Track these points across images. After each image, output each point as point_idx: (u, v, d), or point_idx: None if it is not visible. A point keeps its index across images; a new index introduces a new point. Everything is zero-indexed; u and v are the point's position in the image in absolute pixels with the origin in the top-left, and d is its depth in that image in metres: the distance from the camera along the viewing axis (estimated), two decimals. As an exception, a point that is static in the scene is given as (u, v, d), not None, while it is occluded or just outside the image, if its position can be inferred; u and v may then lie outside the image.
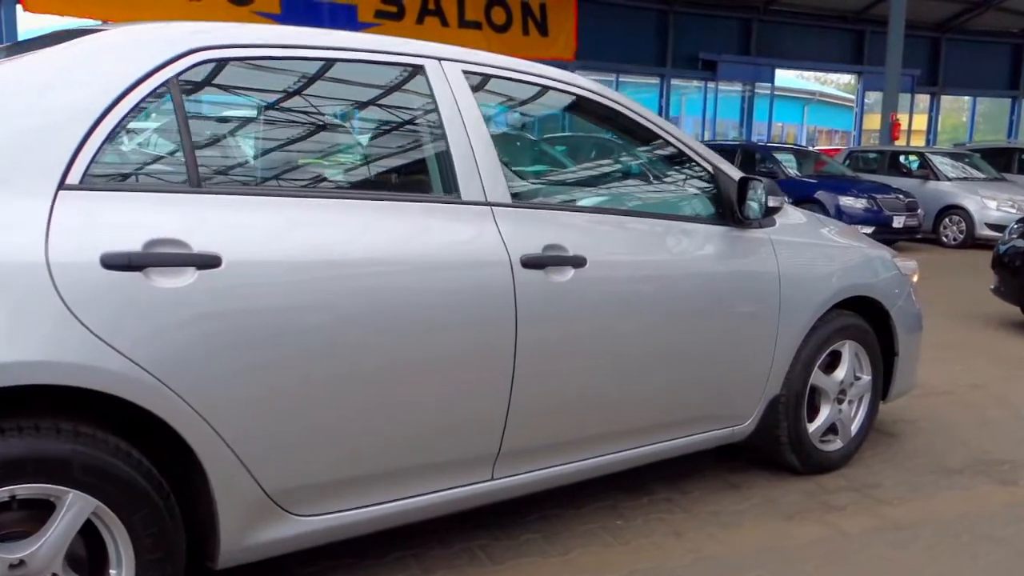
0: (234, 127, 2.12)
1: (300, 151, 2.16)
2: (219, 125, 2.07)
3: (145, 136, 1.90)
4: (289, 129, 2.18)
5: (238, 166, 2.10)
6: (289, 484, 1.95)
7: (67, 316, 1.62)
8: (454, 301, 2.12)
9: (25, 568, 1.63)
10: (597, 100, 2.64)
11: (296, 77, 2.11)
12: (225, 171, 2.01)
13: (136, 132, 1.85)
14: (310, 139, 2.19)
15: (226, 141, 2.05)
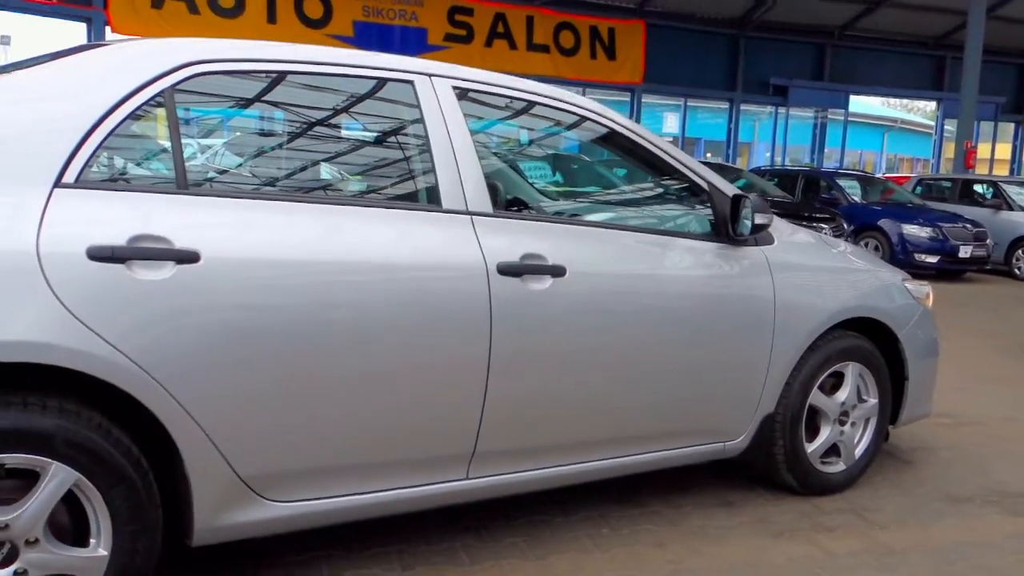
0: (221, 135, 2.28)
1: (284, 158, 2.31)
2: (207, 132, 2.23)
3: (138, 141, 2.07)
4: (274, 138, 2.34)
5: (223, 170, 2.26)
6: (262, 469, 2.08)
7: (54, 301, 1.78)
8: (429, 303, 2.22)
9: (9, 531, 1.79)
10: (589, 117, 2.72)
11: (284, 90, 2.26)
12: (210, 174, 2.17)
13: (130, 137, 2.01)
14: (294, 147, 2.34)
15: (213, 147, 2.22)
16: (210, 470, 2.00)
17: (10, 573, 1.80)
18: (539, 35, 17.29)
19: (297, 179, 2.32)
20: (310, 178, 2.34)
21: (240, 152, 2.30)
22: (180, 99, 2.05)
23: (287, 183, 2.30)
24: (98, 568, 1.89)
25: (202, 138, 2.19)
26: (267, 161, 2.33)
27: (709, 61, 19.22)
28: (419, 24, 15.90)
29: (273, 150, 2.32)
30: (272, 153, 2.32)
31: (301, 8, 14.78)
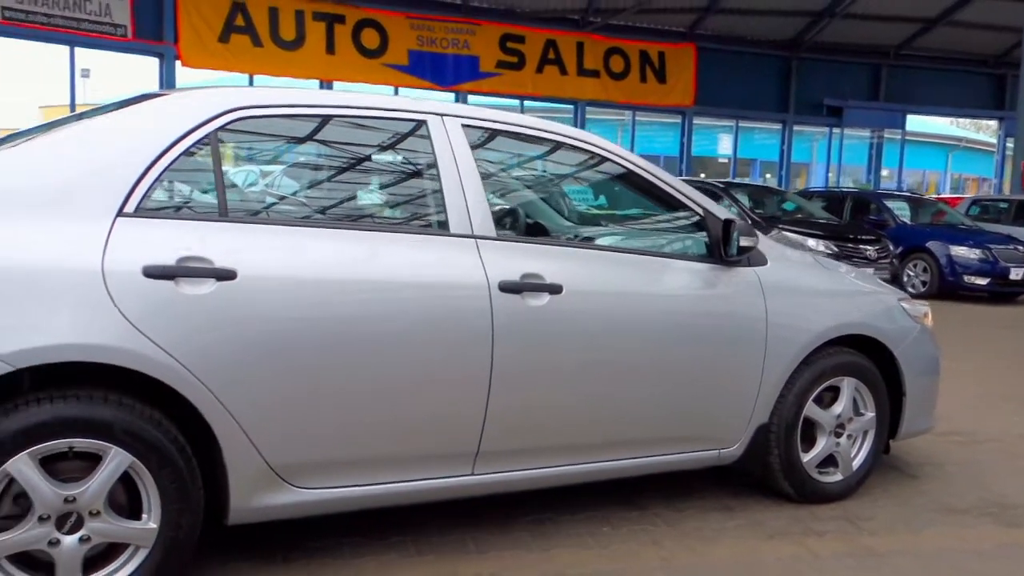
0: (259, 170, 2.63)
1: (312, 190, 2.64)
2: (247, 168, 2.58)
3: (187, 176, 2.42)
4: (304, 171, 2.68)
5: (260, 201, 2.60)
6: (289, 460, 2.39)
7: (115, 312, 2.13)
8: (437, 317, 2.52)
9: (75, 504, 2.14)
10: (590, 149, 3.00)
11: (313, 131, 2.60)
12: (247, 204, 2.52)
13: (180, 172, 2.37)
14: (322, 180, 2.67)
15: (251, 181, 2.56)
16: (244, 459, 2.32)
17: (76, 539, 2.14)
18: (589, 60, 17.62)
19: (323, 208, 2.66)
20: (334, 207, 2.67)
21: (274, 185, 2.65)
22: (223, 139, 2.41)
23: (314, 212, 2.64)
24: (149, 538, 2.23)
25: (241, 173, 2.54)
26: (297, 192, 2.67)
27: (761, 83, 19.30)
28: (471, 52, 16.39)
29: (302, 183, 2.67)
30: (301, 185, 2.66)
31: (359, 39, 15.40)
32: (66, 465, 2.14)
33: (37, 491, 2.09)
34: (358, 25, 15.42)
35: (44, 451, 2.09)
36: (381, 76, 15.55)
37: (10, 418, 2.06)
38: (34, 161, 2.25)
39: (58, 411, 2.10)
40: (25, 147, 2.32)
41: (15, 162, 2.26)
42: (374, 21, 15.55)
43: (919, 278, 11.14)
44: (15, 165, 2.24)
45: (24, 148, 2.31)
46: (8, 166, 2.24)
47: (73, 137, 2.33)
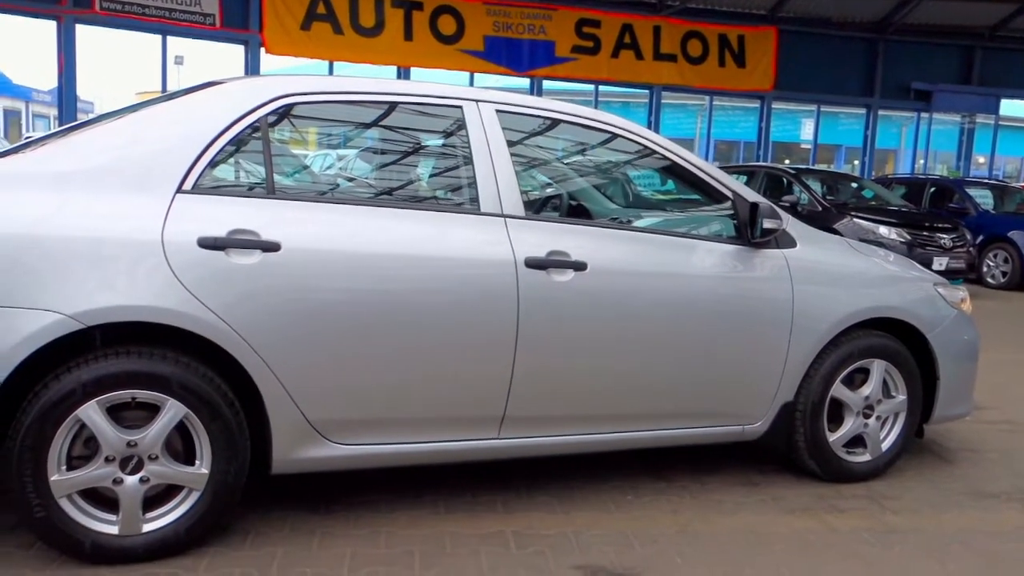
0: (303, 151, 2.86)
1: (353, 170, 2.86)
2: (293, 150, 2.81)
3: (239, 157, 2.67)
4: (345, 153, 2.90)
5: (305, 180, 2.83)
6: (327, 416, 2.62)
7: (172, 278, 2.39)
8: (465, 289, 2.71)
9: (137, 448, 2.42)
10: (621, 134, 3.12)
11: (355, 115, 2.82)
12: (293, 183, 2.75)
13: (233, 154, 2.62)
14: (361, 161, 2.89)
15: (297, 161, 2.79)
16: (285, 414, 2.56)
17: (137, 479, 2.43)
18: (666, 44, 17.44)
19: (361, 187, 2.88)
20: (372, 186, 2.89)
21: (317, 165, 2.88)
22: (272, 124, 2.64)
23: (354, 190, 2.86)
24: (200, 482, 2.49)
25: (287, 154, 2.78)
26: (338, 172, 2.89)
27: (844, 66, 18.75)
28: (547, 37, 16.45)
29: (343, 163, 2.89)
30: (342, 166, 2.88)
31: (436, 25, 15.66)
32: (129, 414, 2.43)
33: (104, 435, 2.37)
34: (436, 11, 15.67)
35: (110, 400, 2.38)
36: (457, 62, 15.78)
37: (82, 370, 2.35)
38: (110, 142, 2.53)
39: (123, 365, 2.38)
40: (104, 129, 2.60)
41: (95, 143, 2.55)
42: (451, 7, 15.77)
43: (999, 268, 10.77)
44: (95, 146, 2.53)
45: (103, 130, 2.60)
46: (89, 147, 2.53)
47: (142, 121, 2.61)
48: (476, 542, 2.74)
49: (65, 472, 2.37)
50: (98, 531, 2.42)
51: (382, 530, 2.79)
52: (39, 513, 2.35)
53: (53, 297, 2.28)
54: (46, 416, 2.31)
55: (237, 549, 2.60)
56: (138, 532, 2.45)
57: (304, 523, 2.81)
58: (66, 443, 2.37)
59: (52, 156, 2.49)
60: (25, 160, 2.48)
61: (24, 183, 2.38)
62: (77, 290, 2.31)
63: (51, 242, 2.30)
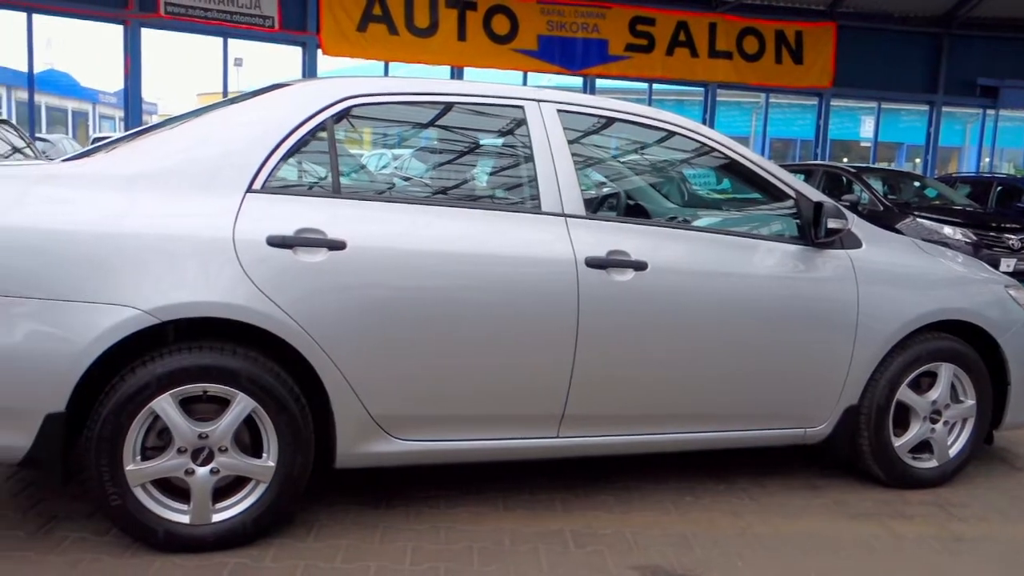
0: (367, 151, 2.90)
1: (416, 169, 2.89)
2: (357, 150, 2.86)
3: (306, 157, 2.72)
4: (409, 153, 2.93)
5: (368, 179, 2.87)
6: (389, 412, 2.66)
7: (242, 275, 2.46)
8: (526, 288, 2.72)
9: (208, 440, 2.48)
10: (682, 132, 3.10)
11: (418, 116, 2.85)
12: (359, 183, 2.80)
13: (300, 154, 2.67)
14: (425, 161, 2.92)
15: (361, 161, 2.84)
16: (349, 409, 2.61)
17: (208, 470, 2.50)
18: (722, 42, 17.24)
19: (425, 186, 2.91)
20: (436, 186, 2.92)
21: (382, 165, 2.92)
22: (338, 125, 2.69)
23: (418, 189, 2.90)
24: (267, 474, 2.55)
25: (353, 155, 2.83)
26: (401, 171, 2.93)
27: (906, 62, 18.29)
28: (601, 35, 16.40)
29: (407, 163, 2.93)
30: (407, 166, 2.92)
31: (489, 25, 15.72)
32: (200, 407, 2.50)
33: (177, 427, 2.45)
34: (489, 11, 15.73)
35: (183, 393, 2.45)
36: (510, 61, 15.82)
37: (156, 364, 2.42)
38: (182, 144, 2.61)
39: (195, 359, 2.45)
40: (176, 131, 2.68)
41: (167, 145, 2.63)
42: (505, 7, 15.82)
43: (1072, 271, 10.39)
44: (167, 147, 2.61)
45: (174, 132, 2.68)
46: (161, 148, 2.61)
47: (212, 123, 2.68)
48: (535, 540, 2.76)
49: (140, 462, 2.45)
50: (170, 520, 2.49)
51: (442, 525, 2.82)
52: (115, 501, 2.43)
53: (130, 293, 2.36)
54: (122, 408, 2.39)
55: (302, 540, 2.66)
56: (208, 522, 2.52)
57: (367, 517, 2.85)
58: (141, 434, 2.45)
59: (128, 157, 2.57)
60: (102, 161, 2.57)
61: (102, 183, 2.46)
62: (152, 287, 2.38)
63: (128, 240, 2.38)
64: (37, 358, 2.32)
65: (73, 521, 2.70)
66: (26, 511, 2.76)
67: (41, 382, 2.33)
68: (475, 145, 3.11)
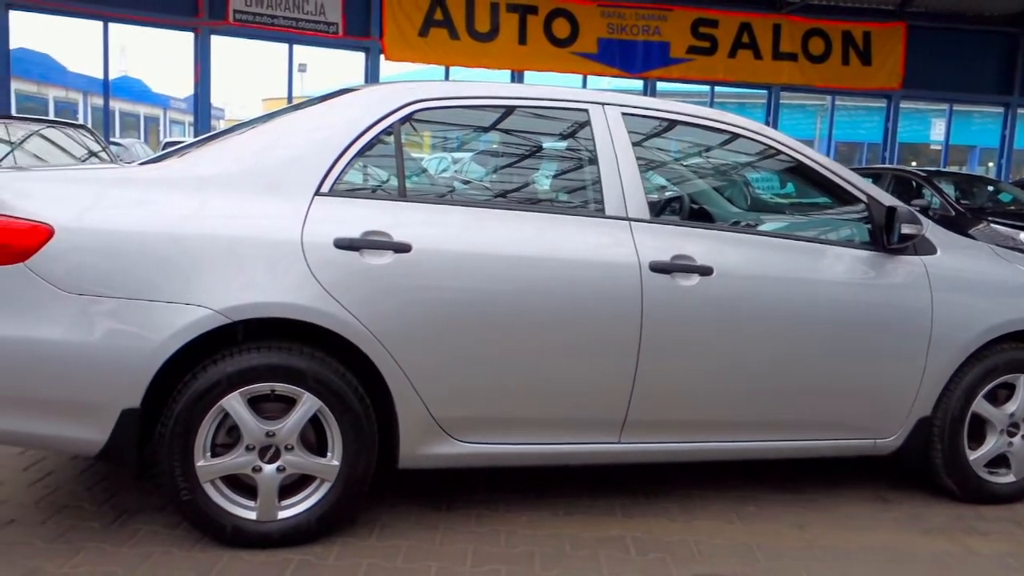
0: (432, 155, 2.92)
1: (481, 173, 2.90)
2: (422, 154, 2.88)
3: (373, 161, 2.76)
4: (475, 157, 2.95)
5: (434, 183, 2.90)
6: (452, 414, 2.67)
7: (310, 277, 2.50)
8: (590, 292, 2.71)
9: (275, 438, 2.53)
10: (749, 136, 3.05)
11: (483, 119, 2.87)
12: (425, 186, 2.82)
13: (367, 158, 2.71)
14: (490, 164, 2.93)
15: (426, 165, 2.86)
16: (412, 410, 2.63)
17: (274, 468, 2.54)
18: (786, 43, 16.94)
19: (490, 190, 2.92)
20: (500, 189, 2.93)
21: (447, 169, 2.94)
22: (405, 129, 2.72)
23: (482, 193, 2.91)
24: (332, 473, 2.59)
25: (419, 158, 2.86)
26: (466, 175, 2.95)
27: (980, 62, 17.71)
28: (662, 38, 16.26)
29: (473, 167, 2.94)
30: (472, 169, 2.94)
31: (550, 29, 15.73)
32: (268, 406, 2.54)
33: (246, 424, 2.50)
34: (550, 15, 15.74)
35: (252, 392, 2.50)
36: (570, 65, 15.80)
37: (227, 362, 2.48)
38: (252, 148, 2.67)
39: (264, 359, 2.50)
40: (247, 136, 2.75)
41: (239, 149, 2.69)
42: (565, 10, 15.81)
43: None
44: (239, 152, 2.67)
45: (245, 137, 2.74)
46: (233, 153, 2.67)
47: (281, 128, 2.74)
48: (595, 545, 2.74)
49: (209, 459, 2.51)
50: (238, 516, 2.55)
51: (502, 529, 2.82)
52: (185, 496, 2.50)
53: (203, 293, 2.42)
54: (194, 405, 2.46)
55: (364, 540, 2.69)
56: (274, 519, 2.57)
57: (428, 518, 2.87)
58: (211, 431, 2.50)
59: (200, 161, 2.64)
60: (176, 165, 2.64)
61: (176, 186, 2.53)
62: (224, 287, 2.44)
63: (200, 242, 2.44)
64: (114, 355, 2.39)
65: (145, 514, 2.78)
66: (101, 504, 2.85)
67: (118, 378, 2.40)
68: (538, 148, 3.11)
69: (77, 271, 2.39)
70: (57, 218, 2.40)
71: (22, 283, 2.37)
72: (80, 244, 2.40)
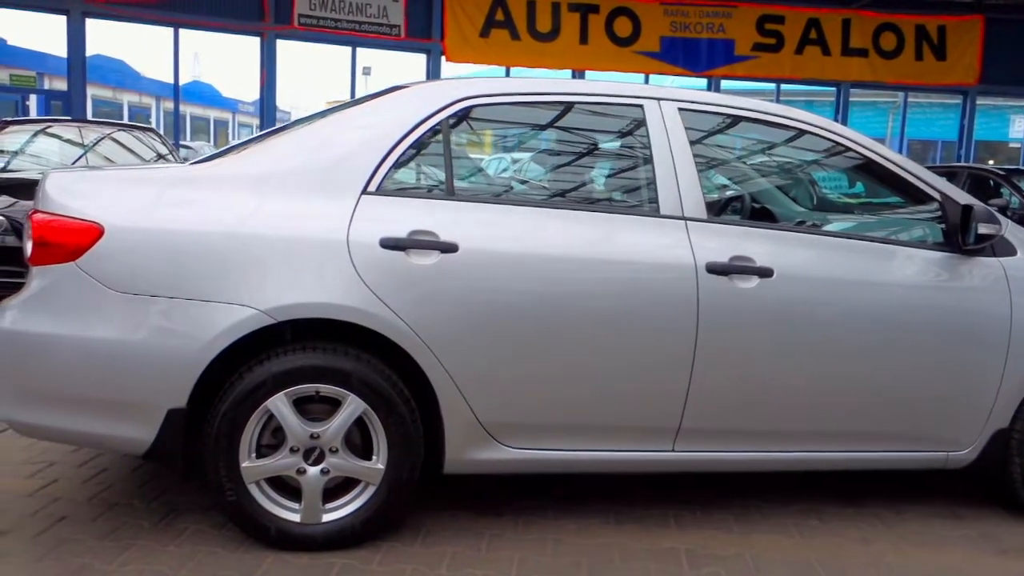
0: (481, 154, 2.86)
1: (533, 172, 2.83)
2: (471, 152, 2.82)
3: (421, 159, 2.71)
4: (526, 155, 2.87)
5: (482, 182, 2.83)
6: (499, 419, 2.61)
7: (356, 277, 2.46)
8: (644, 294, 2.61)
9: (319, 440, 2.50)
10: (815, 131, 2.91)
11: (535, 116, 2.79)
12: (473, 185, 2.76)
13: (415, 156, 2.66)
14: (542, 163, 2.85)
15: (474, 164, 2.80)
16: (458, 414, 2.57)
17: (318, 470, 2.51)
18: (856, 38, 16.43)
19: (539, 188, 2.85)
20: (552, 188, 2.85)
21: (494, 167, 2.88)
22: (452, 126, 2.67)
23: (530, 192, 2.83)
24: (376, 477, 2.55)
25: (466, 156, 2.80)
26: (515, 173, 2.88)
27: (1064, 56, 16.89)
28: (726, 36, 15.95)
29: (520, 165, 2.87)
30: (523, 168, 2.87)
31: (611, 28, 15.58)
32: (313, 407, 2.51)
33: (290, 426, 2.47)
34: (612, 13, 15.59)
35: (297, 393, 2.48)
36: (632, 64, 15.62)
37: (272, 363, 2.46)
38: (300, 147, 2.65)
39: (309, 360, 2.47)
40: (295, 134, 2.73)
41: (287, 148, 2.67)
42: (627, 9, 15.64)
43: None
44: (287, 150, 2.65)
45: (294, 135, 2.73)
46: (281, 151, 2.66)
47: (331, 126, 2.71)
48: (647, 557, 2.64)
49: (254, 460, 2.49)
50: (282, 518, 2.53)
51: (550, 537, 2.75)
52: (231, 497, 2.49)
53: (248, 293, 2.41)
54: (239, 406, 2.44)
55: (409, 545, 2.64)
56: (318, 522, 2.54)
57: (474, 524, 2.81)
58: (256, 432, 2.49)
59: (249, 160, 2.63)
60: (224, 165, 2.63)
61: (223, 185, 2.52)
62: (269, 287, 2.42)
63: (246, 241, 2.43)
64: (160, 355, 2.39)
65: (192, 514, 2.78)
66: (149, 502, 2.87)
67: (164, 378, 2.40)
68: (592, 146, 3.02)
69: (126, 271, 2.40)
70: (107, 218, 2.41)
71: (73, 282, 2.39)
72: (130, 244, 2.41)
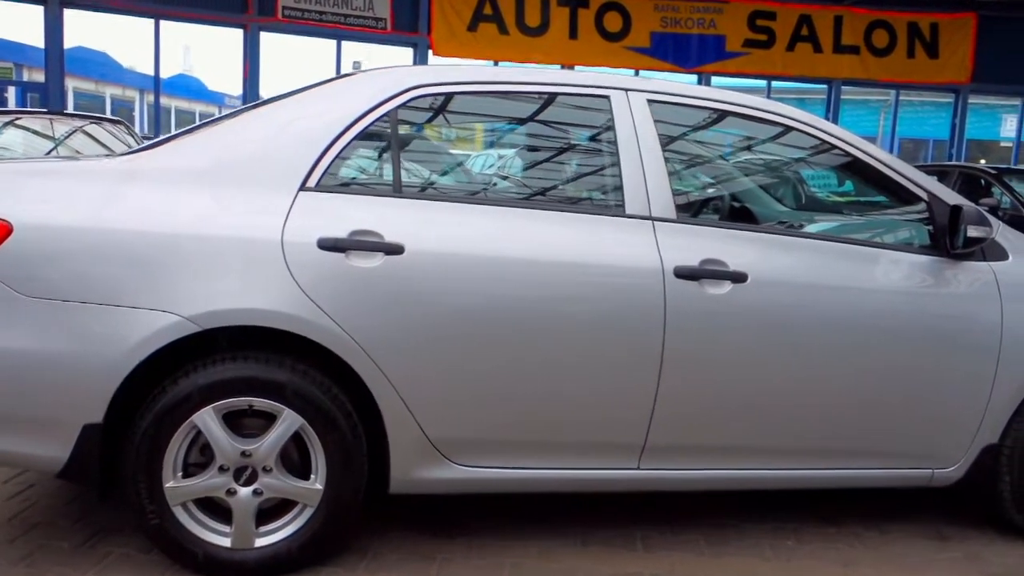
0: (433, 147, 2.65)
1: (485, 167, 2.62)
2: (422, 146, 2.61)
3: (366, 152, 2.50)
4: (479, 149, 2.67)
5: (433, 178, 2.63)
6: (448, 435, 2.41)
7: (291, 281, 2.25)
8: (605, 301, 2.41)
9: (251, 458, 2.29)
10: (795, 126, 2.71)
11: (490, 107, 2.58)
12: (422, 182, 2.55)
13: (361, 149, 2.45)
14: (496, 157, 2.65)
15: (426, 158, 2.60)
16: (404, 430, 2.37)
17: (251, 491, 2.31)
18: (848, 36, 16.28)
19: (495, 186, 2.64)
20: (506, 185, 2.64)
21: (447, 162, 2.67)
22: (402, 117, 2.46)
23: (485, 189, 2.63)
24: (315, 498, 2.34)
25: (417, 150, 2.59)
26: (469, 170, 2.67)
27: (1057, 55, 16.76)
28: (717, 31, 15.78)
29: (476, 160, 2.66)
30: (475, 162, 2.66)
31: (601, 23, 15.39)
32: (248, 422, 2.31)
33: (218, 443, 2.27)
34: (602, 9, 15.40)
35: (227, 407, 2.27)
36: (622, 59, 15.42)
37: (199, 374, 2.25)
38: (234, 138, 2.43)
39: (239, 371, 2.27)
40: (229, 125, 2.52)
41: (219, 139, 2.46)
42: (617, 4, 15.45)
43: None
44: (218, 142, 2.44)
45: (227, 126, 2.51)
46: (212, 143, 2.44)
47: (266, 116, 2.50)
48: (610, 584, 2.45)
49: (180, 479, 2.28)
50: (211, 542, 2.32)
51: (507, 562, 2.55)
52: (153, 520, 2.28)
53: (170, 297, 2.20)
54: (162, 421, 2.23)
55: (351, 570, 2.44)
56: (251, 547, 2.33)
57: (423, 547, 2.61)
58: (182, 449, 2.28)
59: (177, 152, 2.42)
60: (151, 156, 2.42)
61: (147, 179, 2.31)
62: (194, 291, 2.21)
63: (169, 240, 2.22)
64: (74, 366, 2.18)
65: (120, 535, 2.57)
66: (74, 522, 2.66)
67: (78, 391, 2.19)
68: (553, 140, 2.82)
69: (36, 273, 2.18)
70: (16, 214, 2.20)
71: (-24, 286, 2.17)
72: (40, 243, 2.19)
